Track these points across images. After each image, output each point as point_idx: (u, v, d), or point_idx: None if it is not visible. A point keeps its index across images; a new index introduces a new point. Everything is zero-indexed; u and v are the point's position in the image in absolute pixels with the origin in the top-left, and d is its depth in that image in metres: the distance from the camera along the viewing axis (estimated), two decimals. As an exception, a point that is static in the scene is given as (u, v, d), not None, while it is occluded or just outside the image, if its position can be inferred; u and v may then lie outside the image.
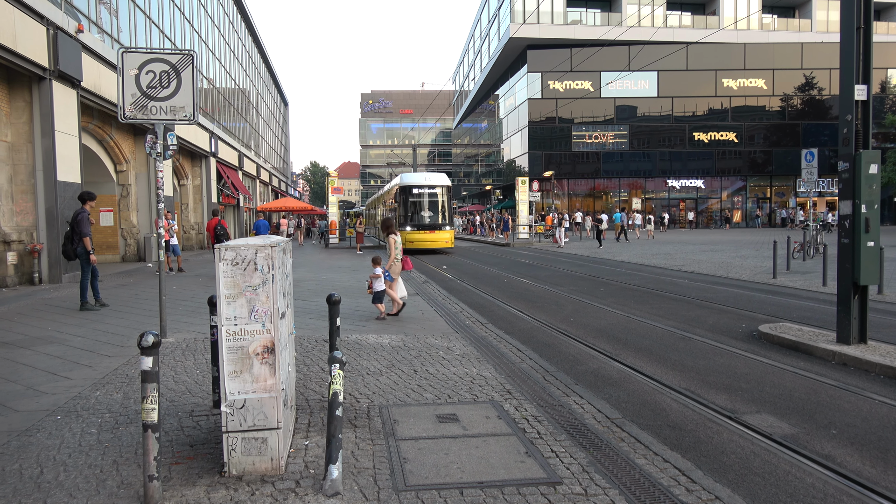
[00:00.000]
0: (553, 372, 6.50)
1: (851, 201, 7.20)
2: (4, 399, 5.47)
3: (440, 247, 27.19)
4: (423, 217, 27.05)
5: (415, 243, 26.32)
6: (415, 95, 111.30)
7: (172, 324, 8.93)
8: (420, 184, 27.50)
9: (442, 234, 27.06)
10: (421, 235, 26.68)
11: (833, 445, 4.68)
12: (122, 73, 7.58)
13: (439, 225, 27.07)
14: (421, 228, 26.73)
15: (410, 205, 27.13)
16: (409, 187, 27.28)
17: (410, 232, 26.42)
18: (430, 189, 27.34)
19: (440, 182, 27.84)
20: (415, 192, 27.17)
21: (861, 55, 7.21)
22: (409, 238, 25.89)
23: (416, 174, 29.74)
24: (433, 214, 27.24)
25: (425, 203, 27.20)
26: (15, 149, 14.16)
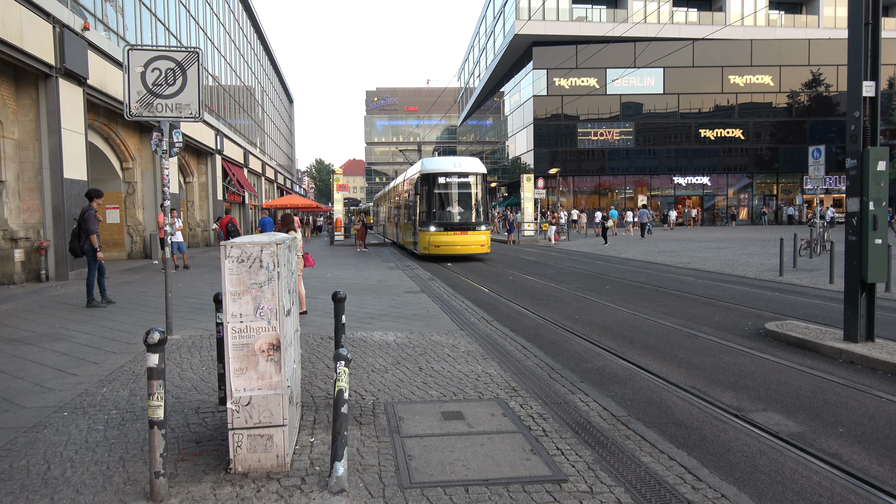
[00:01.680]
0: (558, 369, 6.49)
1: (859, 198, 7.15)
2: (12, 395, 5.50)
3: (474, 252, 21.48)
4: (452, 214, 21.43)
5: (441, 248, 21.03)
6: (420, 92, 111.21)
7: (178, 321, 8.96)
8: (447, 170, 21.69)
9: (476, 236, 21.26)
10: (449, 237, 21.09)
11: (840, 444, 4.66)
12: (128, 71, 7.60)
13: (472, 224, 21.37)
14: (449, 228, 21.14)
15: (435, 198, 21.54)
16: (434, 175, 21.54)
17: (435, 233, 21.14)
18: (460, 177, 21.60)
19: (473, 168, 21.95)
20: (441, 181, 21.48)
21: (869, 51, 7.15)
22: (433, 241, 21.10)
23: (442, 159, 23.62)
24: (465, 210, 21.59)
25: (454, 195, 21.69)
26: (22, 146, 14.22)
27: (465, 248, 21.23)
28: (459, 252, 21.19)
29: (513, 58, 50.79)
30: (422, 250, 21.71)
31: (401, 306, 10.63)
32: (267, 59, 54.97)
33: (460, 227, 21.24)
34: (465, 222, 21.43)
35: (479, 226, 21.49)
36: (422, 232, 21.53)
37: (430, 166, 22.19)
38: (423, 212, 21.68)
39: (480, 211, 21.76)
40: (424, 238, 21.40)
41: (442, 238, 21.15)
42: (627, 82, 46.25)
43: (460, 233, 21.13)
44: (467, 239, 21.26)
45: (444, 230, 21.14)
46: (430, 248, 21.14)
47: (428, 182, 21.66)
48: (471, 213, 21.64)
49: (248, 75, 44.00)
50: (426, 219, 21.52)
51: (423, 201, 21.77)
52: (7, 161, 13.79)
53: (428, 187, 21.61)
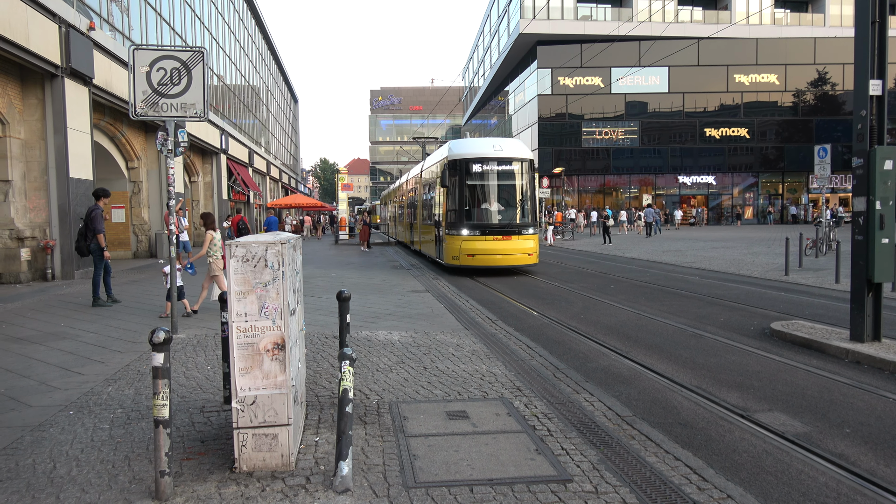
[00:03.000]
0: (563, 369, 6.48)
1: (866, 198, 7.11)
2: (18, 394, 5.52)
3: (518, 263, 16.33)
4: (490, 213, 16.37)
5: (476, 257, 15.98)
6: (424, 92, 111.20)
7: (183, 320, 8.97)
8: (484, 155, 16.58)
9: (522, 242, 16.15)
10: (486, 244, 15.97)
11: (846, 444, 4.64)
12: (134, 71, 7.62)
13: (517, 226, 16.24)
14: (487, 232, 16.05)
15: (468, 192, 16.47)
16: (466, 162, 16.47)
17: (469, 238, 16.07)
18: (501, 164, 16.47)
19: (517, 152, 16.85)
20: (475, 169, 16.42)
21: (876, 50, 7.11)
22: (466, 248, 16.02)
23: (476, 141, 18.75)
24: (507, 208, 16.55)
25: (493, 188, 16.60)
26: (28, 146, 14.27)
27: (508, 259, 16.07)
28: (499, 263, 16.09)
29: (517, 57, 50.73)
30: (449, 260, 16.67)
31: (405, 305, 10.63)
32: (272, 58, 55.06)
33: (501, 230, 16.12)
34: (507, 224, 16.26)
35: (526, 228, 16.29)
36: (450, 237, 16.46)
37: (461, 150, 16.96)
38: (452, 210, 16.52)
39: (527, 209, 16.60)
40: (453, 244, 16.31)
41: (477, 245, 16.00)
42: (632, 81, 46.13)
43: (502, 238, 16.00)
44: (510, 246, 16.01)
45: (479, 234, 16.03)
46: (461, 257, 16.10)
47: (458, 171, 16.45)
48: (515, 211, 16.50)
49: (252, 75, 44.07)
50: (455, 219, 16.37)
51: (451, 196, 16.62)
52: (13, 160, 13.85)
53: (458, 178, 16.43)
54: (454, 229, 16.32)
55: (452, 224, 16.44)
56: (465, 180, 16.40)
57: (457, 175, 16.48)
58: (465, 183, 16.40)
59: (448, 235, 16.65)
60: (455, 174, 16.51)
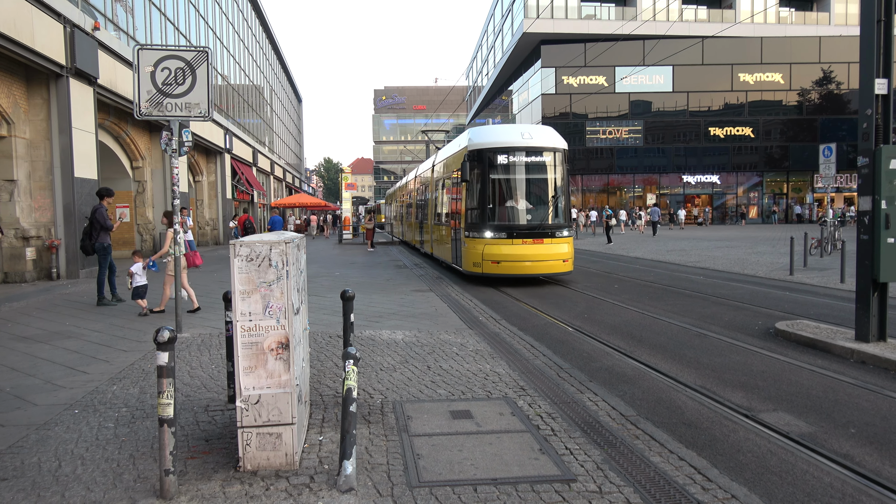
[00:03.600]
0: (567, 369, 6.47)
1: (871, 197, 7.09)
2: (23, 393, 5.54)
3: (552, 271, 14.18)
4: (518, 212, 14.33)
5: (502, 264, 13.88)
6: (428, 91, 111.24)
7: (187, 319, 9.00)
8: (512, 144, 14.40)
9: (555, 246, 14.06)
10: (515, 249, 13.81)
11: (852, 444, 4.62)
12: (138, 70, 7.63)
13: (550, 227, 14.15)
14: (515, 235, 13.90)
15: (492, 187, 14.25)
16: (490, 152, 14.26)
17: (493, 242, 13.89)
18: (531, 155, 14.42)
19: (550, 141, 14.73)
20: (501, 160, 14.24)
21: (882, 48, 7.08)
22: (491, 254, 13.91)
23: (499, 128, 16.29)
24: (538, 207, 14.50)
25: (521, 183, 14.53)
26: (33, 145, 14.32)
27: (538, 266, 13.94)
28: (529, 271, 13.92)
29: (521, 56, 50.69)
30: (469, 267, 14.49)
31: (409, 305, 10.63)
32: (276, 58, 55.13)
33: (531, 232, 13.97)
34: (538, 225, 14.12)
35: (560, 230, 14.19)
36: (470, 240, 14.33)
37: (484, 138, 14.75)
38: (473, 209, 14.41)
39: (561, 207, 14.49)
40: (474, 249, 14.15)
41: (503, 250, 13.81)
42: (636, 80, 46.05)
43: (532, 242, 13.83)
44: (542, 251, 13.88)
45: (506, 237, 13.84)
46: (483, 264, 13.97)
47: (480, 163, 14.26)
48: (547, 210, 14.35)
49: (256, 74, 44.14)
50: (477, 220, 14.23)
51: (471, 193, 14.49)
52: (19, 160, 13.90)
53: (481, 171, 14.25)
54: (475, 231, 14.16)
55: (473, 225, 14.27)
56: (489, 174, 14.13)
57: (479, 168, 14.24)
58: (489, 177, 14.13)
59: (468, 238, 14.44)
60: (477, 167, 14.26)
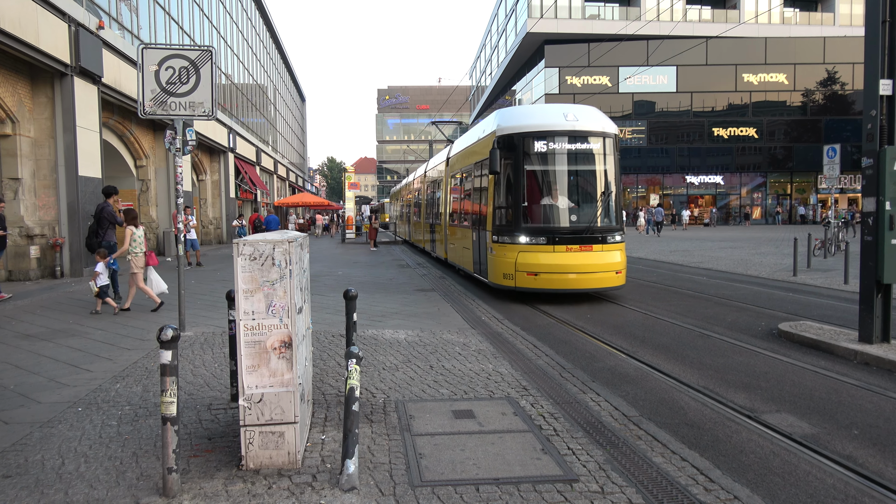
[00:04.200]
0: (569, 369, 6.47)
1: (875, 198, 7.07)
2: (27, 391, 5.56)
3: (603, 286, 11.59)
4: (560, 212, 11.76)
5: (541, 277, 11.29)
6: (431, 91, 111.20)
7: (191, 318, 9.02)
8: (553, 128, 11.74)
9: (606, 255, 11.51)
10: (557, 258, 11.28)
11: (855, 446, 4.61)
12: (142, 69, 7.65)
13: (600, 231, 11.56)
14: (558, 240, 11.37)
15: (527, 182, 11.73)
16: (526, 138, 11.69)
17: (530, 249, 11.40)
18: (575, 142, 11.74)
19: (598, 124, 12.00)
20: (539, 148, 11.64)
21: (887, 49, 7.06)
22: (528, 263, 11.33)
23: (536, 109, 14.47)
24: (584, 206, 11.88)
25: (563, 176, 11.90)
26: (38, 144, 14.36)
27: (586, 280, 11.25)
28: (575, 286, 11.26)
29: (525, 56, 50.66)
30: (498, 279, 11.88)
31: (412, 304, 10.64)
32: (279, 57, 55.20)
33: (578, 237, 11.35)
34: (586, 228, 11.43)
35: (612, 235, 11.55)
36: (500, 246, 11.72)
37: (517, 121, 12.06)
38: (503, 208, 11.80)
39: (612, 206, 11.79)
40: (505, 257, 11.56)
41: (542, 258, 11.20)
42: (640, 81, 45.99)
43: (579, 248, 11.25)
44: (591, 260, 11.25)
45: (546, 243, 11.27)
46: (516, 276, 11.38)
47: (513, 151, 11.63)
48: (595, 209, 11.64)
49: (260, 74, 44.20)
50: (509, 221, 11.61)
51: (500, 188, 11.88)
52: (23, 159, 13.94)
53: (513, 161, 11.62)
54: (506, 235, 11.57)
55: (504, 228, 11.66)
56: (524, 164, 11.53)
57: (510, 157, 11.62)
58: (523, 168, 11.53)
59: (497, 244, 11.78)
60: (508, 156, 11.64)
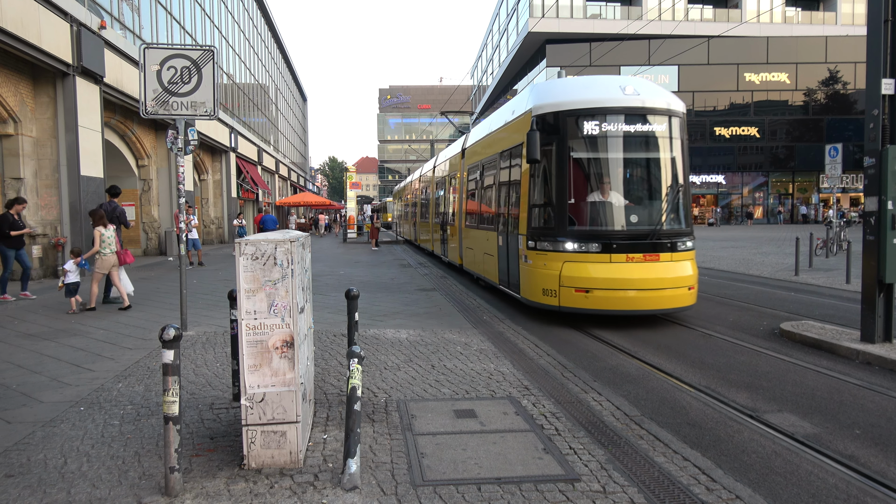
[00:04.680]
0: (571, 368, 6.46)
1: (877, 197, 7.06)
2: (30, 390, 5.57)
3: (672, 306, 9.08)
4: (617, 212, 9.37)
5: (593, 294, 8.91)
6: (433, 90, 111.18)
7: (193, 317, 9.03)
8: (609, 104, 9.35)
9: (676, 267, 9.12)
10: (615, 271, 8.89)
11: (857, 446, 4.61)
12: (144, 69, 7.66)
13: (668, 236, 9.17)
14: (615, 247, 8.98)
15: (573, 173, 9.38)
16: (575, 117, 9.33)
17: (579, 258, 9.07)
18: (635, 123, 9.34)
19: (663, 101, 9.54)
20: (591, 129, 9.28)
21: (889, 48, 7.05)
22: (575, 278, 9.00)
23: (583, 81, 10.56)
24: (648, 204, 9.53)
25: (620, 165, 9.59)
26: (40, 144, 14.38)
27: (652, 298, 8.94)
28: (637, 307, 8.94)
29: (526, 55, 50.63)
30: (535, 296, 9.61)
31: (413, 304, 10.64)
32: (281, 57, 55.22)
33: (643, 243, 9.04)
34: (652, 232, 9.09)
35: (682, 240, 9.27)
36: (538, 254, 9.50)
37: (561, 96, 9.65)
38: (541, 206, 9.64)
39: (681, 203, 9.57)
40: (545, 268, 9.33)
41: (596, 271, 8.93)
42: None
43: (643, 257, 8.99)
44: (657, 273, 8.96)
45: (600, 250, 8.99)
46: (561, 293, 9.11)
47: (556, 134, 9.38)
48: (662, 207, 9.32)
49: (262, 73, 44.22)
50: (550, 222, 9.41)
51: (538, 181, 9.67)
52: (25, 158, 13.96)
53: (557, 147, 9.34)
54: (547, 240, 9.30)
55: (543, 231, 9.42)
56: (570, 151, 9.24)
57: (553, 141, 9.29)
58: (570, 156, 9.24)
59: (534, 252, 9.53)
60: (550, 141, 9.30)
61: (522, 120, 10.19)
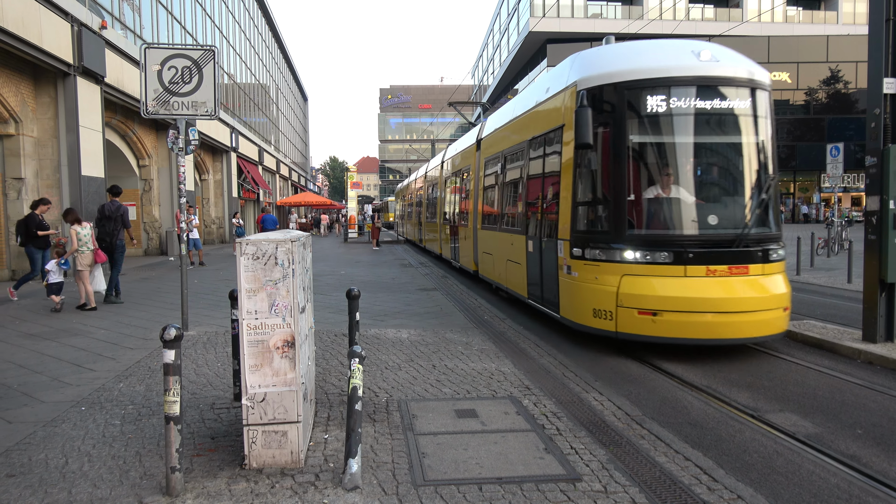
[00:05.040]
0: (572, 368, 6.46)
1: (879, 197, 7.05)
2: (31, 390, 5.57)
3: (759, 335, 7.01)
4: (691, 210, 7.36)
5: (664, 319, 6.87)
6: (433, 90, 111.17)
7: (194, 317, 9.03)
8: (680, 72, 7.34)
9: (767, 282, 7.15)
10: (689, 288, 6.90)
11: (858, 445, 4.60)
12: (145, 69, 7.66)
13: (754, 241, 7.15)
14: (689, 256, 6.95)
15: (633, 161, 7.44)
16: (636, 89, 7.33)
17: (642, 271, 7.09)
18: (712, 98, 7.33)
19: (743, 69, 7.69)
20: (656, 105, 7.25)
21: (890, 47, 7.04)
22: (638, 298, 7.00)
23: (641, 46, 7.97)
24: (730, 201, 7.55)
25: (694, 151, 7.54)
26: (41, 144, 14.39)
27: (741, 324, 6.95)
28: (720, 335, 6.94)
29: (527, 55, 50.62)
30: (584, 319, 7.65)
31: (414, 303, 10.63)
32: (281, 56, 55.24)
33: (726, 250, 7.10)
34: (737, 237, 7.15)
35: (773, 248, 7.36)
36: (589, 265, 7.53)
37: (614, 65, 7.70)
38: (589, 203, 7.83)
39: (770, 199, 7.59)
40: (599, 282, 7.41)
41: (670, 287, 6.98)
42: (642, 79, 45.82)
43: (728, 270, 7.03)
44: (747, 291, 7.06)
45: (671, 260, 7.05)
46: (619, 315, 7.19)
47: (611, 113, 7.54)
48: (747, 205, 7.47)
49: (262, 73, 44.23)
50: (606, 224, 7.55)
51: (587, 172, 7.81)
52: (26, 158, 13.97)
53: (612, 129, 7.49)
54: (599, 247, 7.41)
55: (594, 235, 7.57)
56: (632, 133, 7.42)
57: (609, 122, 7.47)
58: (630, 139, 7.40)
59: (581, 261, 7.61)
60: (604, 121, 7.49)
61: (563, 97, 8.37)
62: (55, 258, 9.88)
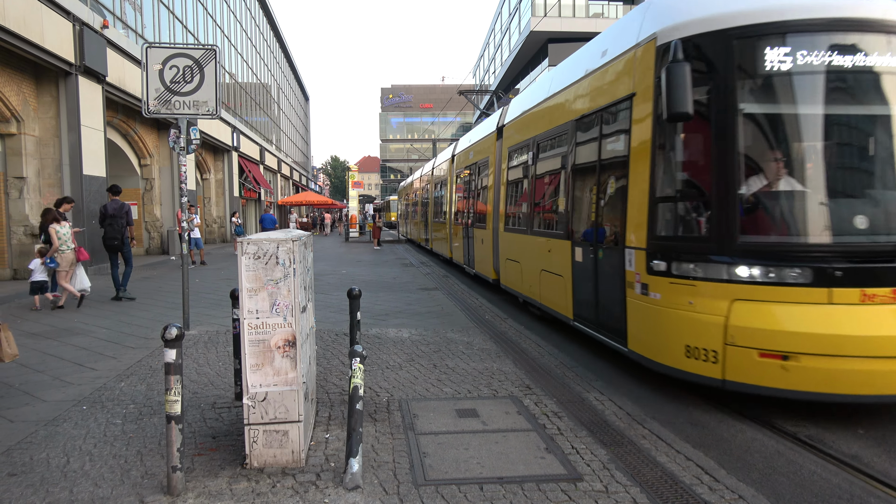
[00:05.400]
0: (573, 367, 6.45)
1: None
2: (32, 389, 5.58)
3: None
4: (833, 210, 5.07)
5: (795, 365, 4.69)
6: (434, 90, 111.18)
7: (195, 316, 9.03)
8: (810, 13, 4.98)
9: None
10: (835, 319, 4.72)
11: (860, 445, 4.60)
12: (146, 68, 7.67)
13: None
14: (834, 275, 4.75)
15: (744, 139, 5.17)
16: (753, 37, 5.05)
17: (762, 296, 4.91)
18: (856, 52, 4.93)
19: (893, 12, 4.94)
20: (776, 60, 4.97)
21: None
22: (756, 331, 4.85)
23: None
24: (884, 198, 5.15)
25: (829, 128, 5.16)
26: (42, 143, 14.40)
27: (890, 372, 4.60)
28: (881, 389, 4.64)
29: (528, 55, 50.59)
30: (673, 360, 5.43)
31: (415, 303, 10.63)
32: (283, 56, 55.25)
33: (884, 266, 4.86)
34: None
35: None
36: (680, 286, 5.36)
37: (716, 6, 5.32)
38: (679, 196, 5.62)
39: None
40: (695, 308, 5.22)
41: (807, 318, 4.80)
42: (644, 79, 45.76)
43: (889, 294, 4.77)
44: None
45: (810, 280, 4.83)
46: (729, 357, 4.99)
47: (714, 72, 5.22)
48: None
49: (264, 72, 44.25)
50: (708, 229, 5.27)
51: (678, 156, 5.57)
52: (28, 158, 13.98)
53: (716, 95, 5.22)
54: (698, 260, 5.29)
55: (689, 243, 5.52)
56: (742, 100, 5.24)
57: (710, 85, 5.30)
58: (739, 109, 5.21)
59: (668, 279, 5.50)
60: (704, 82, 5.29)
61: (632, 57, 6.21)
62: (38, 257, 9.88)
